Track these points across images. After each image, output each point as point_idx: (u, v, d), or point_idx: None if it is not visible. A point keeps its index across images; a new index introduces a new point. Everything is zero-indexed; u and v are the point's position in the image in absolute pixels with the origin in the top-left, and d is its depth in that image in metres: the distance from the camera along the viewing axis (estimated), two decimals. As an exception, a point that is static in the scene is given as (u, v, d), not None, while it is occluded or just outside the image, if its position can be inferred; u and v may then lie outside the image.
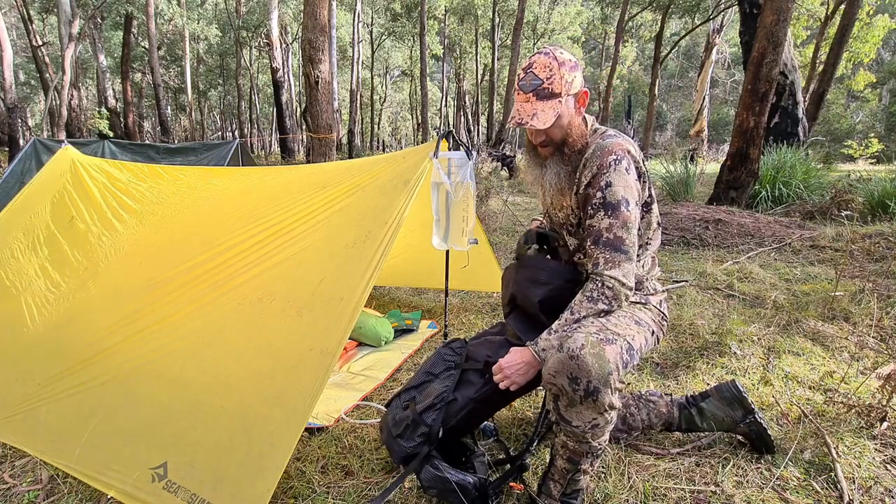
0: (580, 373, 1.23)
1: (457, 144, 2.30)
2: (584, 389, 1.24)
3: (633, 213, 1.37)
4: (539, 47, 1.49)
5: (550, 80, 1.36)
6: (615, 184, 1.36)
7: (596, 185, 1.38)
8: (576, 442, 1.35)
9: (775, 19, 6.04)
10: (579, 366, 1.23)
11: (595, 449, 1.36)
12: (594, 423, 1.29)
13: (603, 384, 1.24)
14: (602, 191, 1.37)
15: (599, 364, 1.23)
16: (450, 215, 2.06)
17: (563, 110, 1.39)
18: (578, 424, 1.30)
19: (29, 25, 15.82)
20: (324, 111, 6.66)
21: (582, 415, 1.29)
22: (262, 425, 1.41)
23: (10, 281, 2.23)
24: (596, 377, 1.23)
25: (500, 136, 17.24)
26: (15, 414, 1.78)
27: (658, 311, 1.54)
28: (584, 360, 1.23)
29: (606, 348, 1.26)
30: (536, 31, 27.95)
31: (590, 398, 1.25)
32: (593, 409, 1.27)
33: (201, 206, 2.26)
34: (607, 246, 1.36)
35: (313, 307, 1.57)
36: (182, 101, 27.14)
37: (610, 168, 1.37)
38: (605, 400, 1.25)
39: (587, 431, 1.31)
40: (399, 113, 43.72)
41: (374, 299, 3.58)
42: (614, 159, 1.37)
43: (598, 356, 1.24)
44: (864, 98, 25.74)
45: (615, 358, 1.27)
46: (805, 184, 6.92)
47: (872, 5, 15.66)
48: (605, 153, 1.39)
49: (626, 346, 1.33)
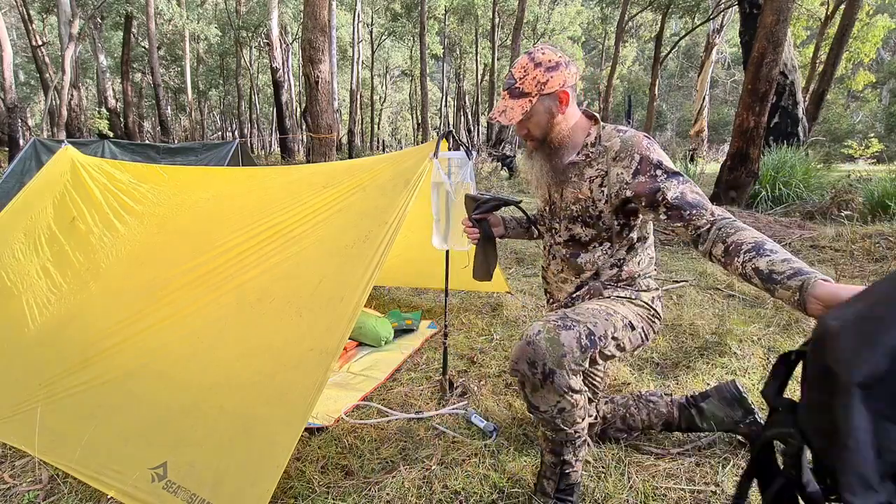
0: (536, 357, 1.31)
1: (457, 144, 2.30)
2: (542, 372, 1.31)
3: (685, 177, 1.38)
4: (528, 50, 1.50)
5: (522, 80, 1.42)
6: (664, 160, 1.39)
7: (646, 172, 1.38)
8: (552, 430, 1.43)
9: (775, 19, 6.04)
10: (535, 350, 1.32)
11: (572, 437, 1.42)
12: (559, 406, 1.36)
13: (557, 365, 1.30)
14: (659, 168, 1.37)
15: (553, 347, 1.31)
16: (450, 215, 2.06)
17: (537, 109, 1.44)
18: (546, 409, 1.38)
19: (29, 25, 15.82)
20: (324, 111, 6.66)
21: (546, 399, 1.36)
22: (262, 425, 1.41)
23: (12, 281, 2.23)
24: (550, 359, 1.30)
25: (500, 136, 17.25)
26: (15, 414, 1.78)
27: (648, 308, 1.54)
28: (538, 344, 1.32)
29: (561, 332, 1.33)
30: (536, 31, 27.95)
31: (547, 380, 1.32)
32: (554, 392, 1.34)
33: (201, 207, 2.26)
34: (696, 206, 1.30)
35: (313, 307, 1.57)
36: (182, 101, 27.13)
37: (650, 151, 1.40)
38: (562, 381, 1.32)
39: (556, 416, 1.38)
40: (399, 113, 43.73)
41: (374, 299, 3.58)
42: (647, 143, 1.41)
43: (552, 340, 1.31)
44: (864, 98, 25.75)
45: (570, 341, 1.32)
46: (805, 184, 6.92)
47: (872, 5, 15.67)
48: (636, 143, 1.41)
49: (586, 331, 1.36)
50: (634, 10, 21.77)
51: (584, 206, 1.51)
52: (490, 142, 17.85)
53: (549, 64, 1.41)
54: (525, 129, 1.51)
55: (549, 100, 1.44)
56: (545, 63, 1.41)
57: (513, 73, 1.45)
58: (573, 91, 1.46)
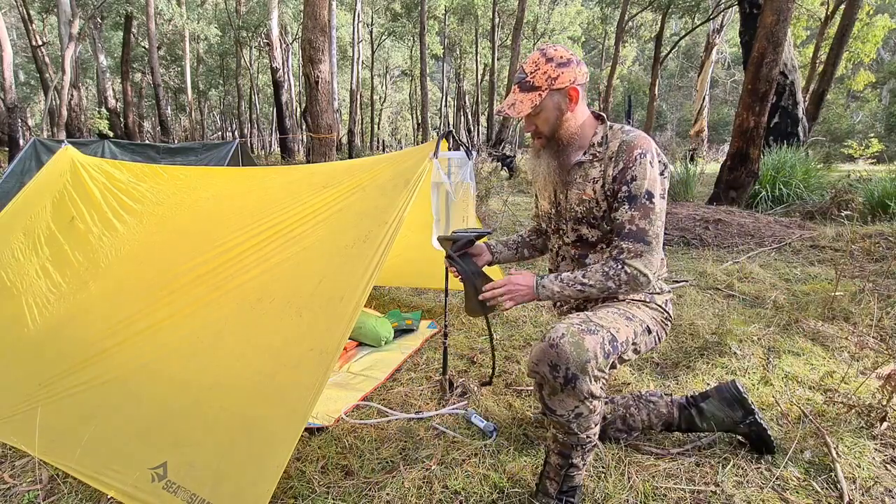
0: (559, 360, 1.29)
1: (457, 144, 2.30)
2: (564, 376, 1.29)
3: (656, 206, 1.40)
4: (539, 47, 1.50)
5: (533, 74, 1.43)
6: (639, 177, 1.39)
7: (622, 180, 1.41)
8: (564, 434, 1.41)
9: (775, 19, 6.04)
10: (558, 353, 1.29)
11: (583, 441, 1.40)
12: (577, 411, 1.34)
13: (581, 371, 1.28)
14: (627, 185, 1.40)
15: (577, 352, 1.28)
16: (450, 215, 2.06)
17: (546, 104, 1.44)
18: (563, 413, 1.35)
19: (29, 25, 15.81)
20: (324, 111, 6.66)
21: (564, 403, 1.34)
22: (262, 425, 1.41)
23: (11, 281, 2.23)
24: (574, 364, 1.28)
25: (500, 136, 17.24)
26: (15, 414, 1.78)
27: (661, 311, 1.54)
28: (562, 348, 1.29)
29: (586, 337, 1.31)
30: (536, 31, 27.94)
31: (569, 385, 1.30)
32: (574, 397, 1.32)
33: (201, 207, 2.26)
34: (630, 237, 1.40)
35: (313, 307, 1.57)
36: (182, 101, 27.12)
37: (635, 162, 1.40)
38: (584, 387, 1.30)
39: (572, 421, 1.36)
40: (399, 113, 43.73)
41: (374, 299, 3.58)
42: (640, 153, 1.40)
43: (577, 344, 1.29)
44: (864, 98, 25.74)
45: (594, 347, 1.30)
46: (805, 184, 6.92)
47: (872, 5, 15.67)
48: (631, 148, 1.41)
49: (609, 337, 1.35)
50: (634, 10, 21.76)
51: (588, 208, 1.51)
52: (490, 142, 17.84)
53: (561, 60, 1.42)
54: (533, 126, 1.50)
55: (558, 95, 1.45)
56: (557, 59, 1.42)
57: (523, 68, 1.46)
58: (583, 90, 1.47)
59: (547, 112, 1.46)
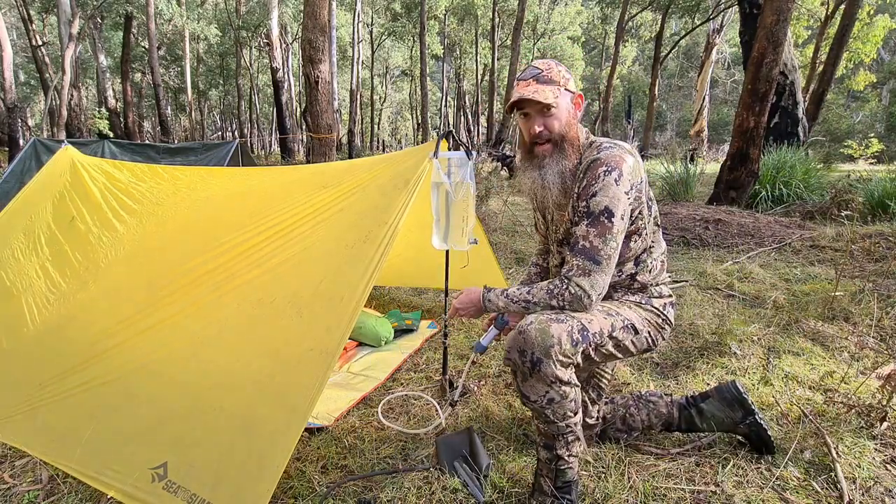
0: (526, 346, 1.34)
1: (457, 144, 2.29)
2: (530, 361, 1.34)
3: (614, 225, 1.37)
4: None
5: (549, 71, 1.47)
6: (599, 194, 1.38)
7: (583, 197, 1.42)
8: (543, 423, 1.44)
9: (775, 19, 6.04)
10: (525, 339, 1.34)
11: (563, 430, 1.43)
12: (548, 396, 1.37)
13: (545, 355, 1.32)
14: (587, 200, 1.40)
15: (542, 337, 1.33)
16: (450, 215, 2.06)
17: (562, 101, 1.46)
18: (535, 399, 1.39)
19: (29, 25, 15.82)
20: (324, 111, 6.66)
21: (535, 388, 1.38)
22: (262, 425, 1.41)
23: (11, 281, 2.23)
24: (539, 348, 1.32)
25: (500, 136, 17.24)
26: (15, 414, 1.78)
27: (656, 313, 1.53)
28: (529, 333, 1.34)
29: (552, 325, 1.34)
30: (536, 30, 27.94)
31: (535, 369, 1.34)
32: (542, 382, 1.36)
33: (201, 207, 2.26)
34: (581, 253, 1.39)
35: (313, 307, 1.57)
36: (182, 101, 27.11)
37: (599, 179, 1.38)
38: (548, 370, 1.33)
39: (545, 407, 1.39)
40: (399, 113, 43.73)
41: (374, 299, 3.58)
42: (604, 170, 1.38)
43: (542, 331, 1.33)
44: (864, 98, 25.75)
45: (559, 333, 1.33)
46: (805, 184, 6.92)
47: (872, 5, 15.66)
48: (596, 165, 1.40)
49: (579, 326, 1.37)
50: (634, 10, 21.77)
51: (566, 229, 1.51)
52: (490, 142, 17.84)
53: (566, 69, 1.51)
54: (542, 126, 1.46)
55: (570, 97, 1.48)
56: (563, 67, 1.50)
57: (536, 66, 1.49)
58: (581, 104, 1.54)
59: (561, 111, 1.46)
